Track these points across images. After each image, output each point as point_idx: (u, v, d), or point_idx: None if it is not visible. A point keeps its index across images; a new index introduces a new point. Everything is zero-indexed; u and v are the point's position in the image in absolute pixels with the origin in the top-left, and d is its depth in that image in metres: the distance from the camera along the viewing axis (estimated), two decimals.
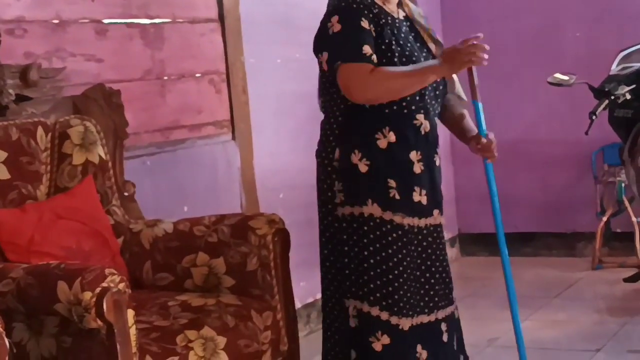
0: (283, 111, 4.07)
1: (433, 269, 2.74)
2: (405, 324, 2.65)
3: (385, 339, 2.64)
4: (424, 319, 2.70)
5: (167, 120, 3.54)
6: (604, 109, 3.59)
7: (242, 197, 3.85)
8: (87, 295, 2.17)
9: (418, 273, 2.69)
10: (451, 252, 5.42)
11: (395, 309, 2.64)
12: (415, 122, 2.66)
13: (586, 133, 3.61)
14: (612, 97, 3.56)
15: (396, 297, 2.64)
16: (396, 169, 2.64)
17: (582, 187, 5.17)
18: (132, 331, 2.24)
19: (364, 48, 2.55)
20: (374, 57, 2.57)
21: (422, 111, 2.67)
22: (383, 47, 2.61)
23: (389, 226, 2.63)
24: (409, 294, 2.66)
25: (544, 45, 5.14)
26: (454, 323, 2.81)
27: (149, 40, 3.48)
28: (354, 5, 2.59)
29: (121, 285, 2.22)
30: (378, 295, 2.63)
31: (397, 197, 2.63)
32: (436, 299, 2.73)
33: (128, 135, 3.14)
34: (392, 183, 2.63)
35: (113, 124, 3.08)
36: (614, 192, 4.91)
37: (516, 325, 2.90)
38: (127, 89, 3.26)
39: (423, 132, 2.67)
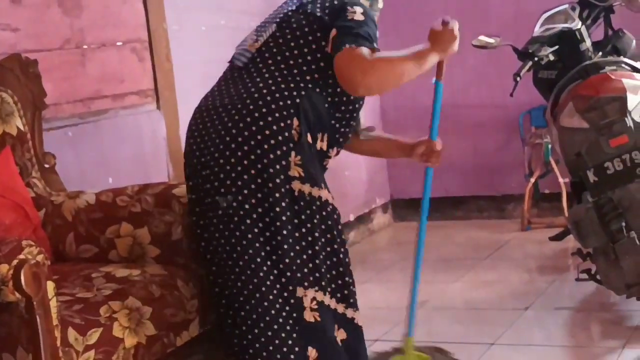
0: (209, 79, 3.96)
1: None
2: (359, 317, 2.58)
3: (342, 334, 2.54)
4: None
5: (88, 90, 3.47)
6: (528, 70, 3.61)
7: (169, 168, 3.79)
8: (4, 268, 2.11)
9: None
10: (384, 218, 5.45)
11: (351, 300, 2.56)
12: (330, 153, 2.59)
13: (511, 95, 3.63)
14: (536, 59, 3.58)
15: (350, 288, 2.56)
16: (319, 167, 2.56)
17: (510, 150, 5.23)
18: (53, 303, 2.19)
19: (374, 45, 2.47)
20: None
21: (339, 148, 2.63)
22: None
23: (338, 212, 2.54)
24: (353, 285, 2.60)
25: (470, 9, 5.17)
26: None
27: (67, 8, 3.39)
28: (375, 19, 2.57)
29: (39, 257, 2.16)
30: (334, 286, 2.53)
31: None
32: None
33: (47, 105, 3.06)
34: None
35: (31, 94, 3.01)
36: (541, 154, 4.98)
37: (414, 293, 2.88)
38: (45, 59, 3.18)
39: (325, 167, 2.61)
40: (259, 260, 2.45)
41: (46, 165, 2.99)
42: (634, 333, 3.30)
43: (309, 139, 2.47)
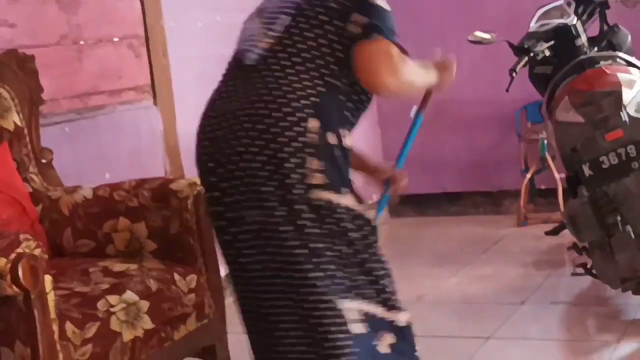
0: (205, 75, 3.97)
1: None
2: (404, 318, 2.39)
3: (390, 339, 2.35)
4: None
5: (85, 86, 3.47)
6: (524, 65, 3.62)
7: (166, 163, 3.80)
8: (2, 261, 2.12)
9: None
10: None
11: (390, 303, 2.35)
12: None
13: (507, 90, 3.64)
14: (532, 54, 3.59)
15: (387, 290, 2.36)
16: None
17: (506, 146, 5.24)
18: (51, 297, 2.20)
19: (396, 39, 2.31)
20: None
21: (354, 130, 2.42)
22: None
23: (365, 219, 2.33)
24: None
25: (466, 4, 5.18)
26: None
27: (64, 4, 3.40)
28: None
29: (37, 251, 2.17)
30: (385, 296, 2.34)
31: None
32: None
33: (44, 101, 3.07)
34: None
35: (28, 90, 3.02)
36: (537, 149, 4.99)
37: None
38: (42, 55, 3.18)
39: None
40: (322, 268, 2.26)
41: (43, 161, 3.00)
42: (629, 327, 3.32)
43: (333, 139, 2.25)
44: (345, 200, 2.26)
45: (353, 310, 2.26)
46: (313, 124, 2.22)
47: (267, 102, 2.23)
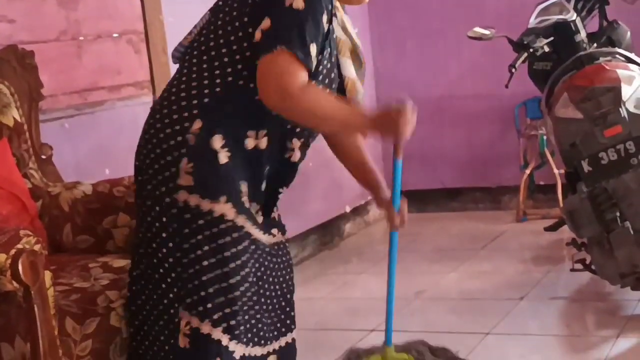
0: None
1: (275, 293, 2.33)
2: (239, 351, 2.20)
3: None
4: (257, 351, 2.25)
5: (85, 82, 3.47)
6: (523, 61, 3.62)
7: None
8: (2, 257, 2.12)
9: (256, 298, 2.24)
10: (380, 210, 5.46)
11: (236, 332, 2.18)
12: (290, 145, 2.27)
13: (506, 86, 3.64)
14: (531, 50, 3.59)
15: (239, 319, 2.19)
16: (251, 176, 2.21)
17: (506, 142, 5.24)
18: (50, 293, 2.21)
19: (312, 47, 2.11)
20: (313, 64, 2.14)
21: (302, 139, 2.28)
22: (320, 55, 2.18)
23: (242, 232, 2.18)
24: (246, 317, 2.22)
25: (465, 1, 5.18)
26: (287, 352, 2.36)
27: (63, 0, 3.40)
28: (323, 15, 2.15)
29: (37, 247, 2.18)
30: (220, 314, 2.17)
31: (247, 205, 2.21)
32: (272, 328, 2.31)
33: (43, 97, 3.07)
34: (244, 188, 2.20)
35: (27, 85, 3.01)
36: (536, 145, 5.00)
37: (390, 303, 2.56)
38: (41, 51, 3.18)
39: (291, 160, 2.29)
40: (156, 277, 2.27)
41: (43, 157, 3.00)
42: (628, 322, 3.32)
43: (219, 143, 2.15)
44: (220, 208, 2.14)
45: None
46: (196, 125, 2.16)
47: (163, 100, 2.26)
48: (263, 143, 2.20)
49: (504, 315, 3.54)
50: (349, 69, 2.33)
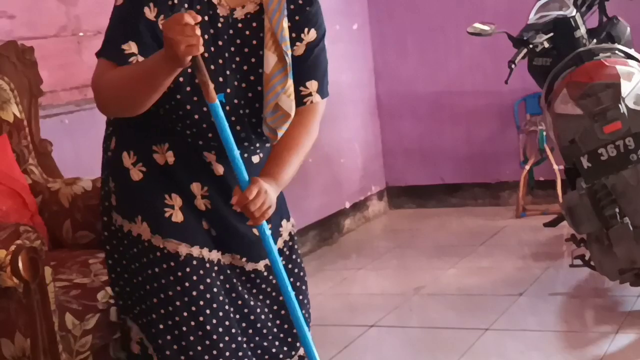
0: None
1: (246, 318, 2.13)
2: None
3: None
4: None
5: (84, 78, 3.46)
6: (523, 57, 3.62)
7: None
8: (2, 253, 2.13)
9: (202, 318, 2.04)
10: (380, 205, 5.47)
11: (166, 352, 2.03)
12: (206, 159, 2.06)
13: (506, 82, 3.64)
14: (531, 46, 3.59)
15: (160, 342, 2.05)
16: (180, 191, 2.06)
17: (505, 138, 5.24)
18: (50, 288, 2.21)
19: (128, 45, 1.93)
20: (139, 58, 1.93)
21: (212, 151, 2.04)
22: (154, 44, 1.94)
23: (158, 254, 2.03)
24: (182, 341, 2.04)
25: None
26: None
27: None
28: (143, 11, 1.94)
29: (37, 243, 2.18)
30: (169, 338, 2.04)
31: (178, 218, 2.05)
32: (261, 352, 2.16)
33: (43, 92, 3.07)
34: (170, 201, 2.05)
35: (27, 81, 3.02)
36: (536, 141, 5.00)
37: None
38: (41, 46, 3.18)
39: (216, 173, 2.06)
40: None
41: (43, 152, 3.00)
42: (627, 318, 3.33)
43: (129, 161, 2.05)
44: (136, 229, 2.05)
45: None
46: (113, 142, 2.11)
47: None
48: (170, 158, 2.05)
49: (503, 311, 3.54)
50: (266, 63, 2.02)
